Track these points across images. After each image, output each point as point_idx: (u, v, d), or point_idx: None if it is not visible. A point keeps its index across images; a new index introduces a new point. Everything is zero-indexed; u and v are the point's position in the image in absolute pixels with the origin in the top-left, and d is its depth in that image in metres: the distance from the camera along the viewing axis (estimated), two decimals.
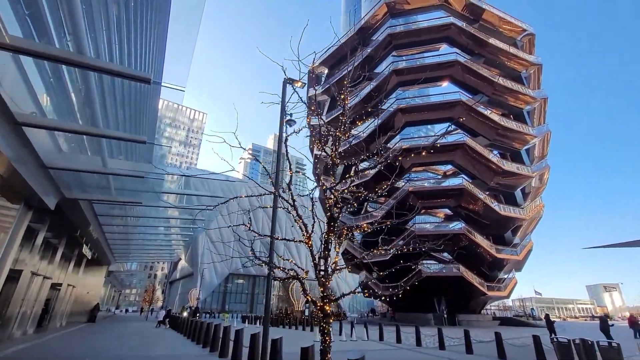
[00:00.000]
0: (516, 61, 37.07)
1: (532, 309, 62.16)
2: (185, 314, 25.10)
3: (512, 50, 36.47)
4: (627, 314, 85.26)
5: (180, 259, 73.34)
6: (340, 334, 17.62)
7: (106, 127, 10.33)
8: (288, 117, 8.89)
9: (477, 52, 36.48)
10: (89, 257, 21.05)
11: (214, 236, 67.24)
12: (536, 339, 9.75)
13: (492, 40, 35.51)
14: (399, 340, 14.34)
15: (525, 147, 37.22)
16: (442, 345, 12.28)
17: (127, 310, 70.22)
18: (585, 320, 68.50)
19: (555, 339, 9.78)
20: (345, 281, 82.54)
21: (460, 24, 35.03)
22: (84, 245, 18.14)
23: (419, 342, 13.20)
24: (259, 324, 26.83)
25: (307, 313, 27.61)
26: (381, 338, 15.25)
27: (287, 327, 25.05)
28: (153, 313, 40.60)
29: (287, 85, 9.22)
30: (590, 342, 8.77)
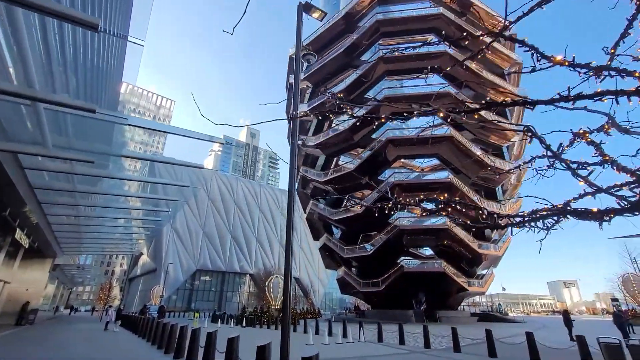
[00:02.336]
0: (500, 57, 37.11)
1: (499, 304, 64.28)
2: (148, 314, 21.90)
3: (498, 46, 36.42)
4: (584, 308, 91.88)
5: (142, 253, 67.86)
6: (330, 334, 15.64)
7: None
8: (306, 52, 6.71)
9: (463, 46, 35.96)
10: (27, 247, 17.39)
11: (180, 229, 62.79)
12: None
13: (480, 34, 35.18)
14: (402, 341, 12.62)
15: (506, 145, 37.45)
16: (456, 347, 10.69)
17: (76, 310, 63.56)
18: (547, 314, 72.49)
19: (601, 340, 8.42)
20: (319, 278, 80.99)
21: (450, 15, 34.34)
22: (18, 229, 14.66)
23: (427, 344, 11.52)
24: (233, 324, 24.21)
25: None
26: (380, 339, 13.48)
27: (266, 326, 22.69)
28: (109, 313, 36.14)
29: (303, 13, 6.99)
30: None
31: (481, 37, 3.91)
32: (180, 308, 59.30)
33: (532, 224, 3.36)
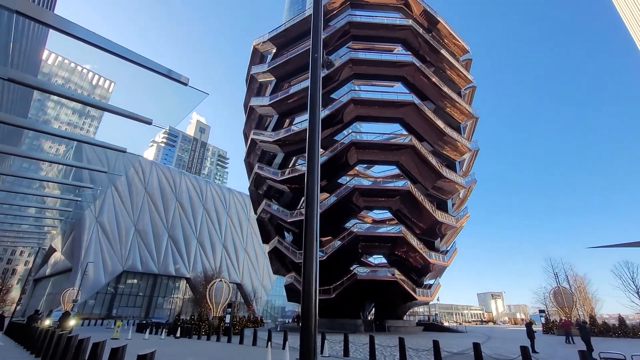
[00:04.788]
0: (460, 76, 38.94)
1: (436, 314, 67.26)
2: (48, 322, 17.26)
3: (458, 65, 38.23)
4: (507, 318, 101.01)
5: (54, 249, 57.88)
6: (284, 347, 13.46)
7: None
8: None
9: (428, 60, 37.08)
10: None
11: (107, 224, 54.91)
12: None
13: (444, 51, 36.57)
14: (372, 356, 11.03)
15: (459, 160, 39.14)
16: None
17: None
18: (476, 324, 77.89)
19: (602, 356, 7.70)
20: (262, 284, 77.14)
21: (418, 28, 35.13)
22: None
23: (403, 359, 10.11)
24: (165, 335, 20.54)
25: (227, 320, 22.47)
26: (346, 353, 11.74)
27: (205, 337, 19.55)
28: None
29: None
30: None
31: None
32: (99, 315, 51.38)
33: None
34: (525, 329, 14.81)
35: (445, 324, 64.87)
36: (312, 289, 2.74)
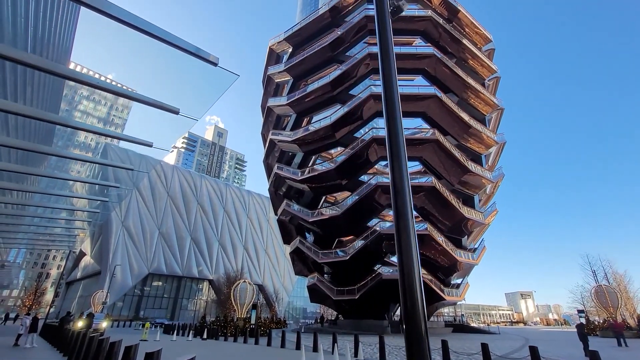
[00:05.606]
0: (483, 66, 37.42)
1: (462, 314, 65.07)
2: (80, 323, 17.56)
3: (480, 54, 36.73)
4: (538, 319, 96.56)
5: (84, 254, 59.96)
6: (315, 350, 13.01)
7: None
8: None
9: (449, 51, 35.81)
10: None
11: (132, 228, 56.32)
12: None
13: (465, 41, 35.21)
14: None
15: (484, 154, 37.55)
16: None
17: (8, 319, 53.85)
18: (505, 325, 74.75)
19: None
20: (283, 285, 77.16)
21: (438, 19, 33.97)
22: None
23: None
24: (192, 336, 20.50)
25: (253, 320, 22.21)
26: (382, 356, 11.06)
27: (232, 338, 19.33)
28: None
29: None
30: None
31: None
32: (127, 317, 52.72)
33: None
34: (575, 330, 13.63)
35: (473, 324, 62.56)
36: (416, 285, 2.16)
